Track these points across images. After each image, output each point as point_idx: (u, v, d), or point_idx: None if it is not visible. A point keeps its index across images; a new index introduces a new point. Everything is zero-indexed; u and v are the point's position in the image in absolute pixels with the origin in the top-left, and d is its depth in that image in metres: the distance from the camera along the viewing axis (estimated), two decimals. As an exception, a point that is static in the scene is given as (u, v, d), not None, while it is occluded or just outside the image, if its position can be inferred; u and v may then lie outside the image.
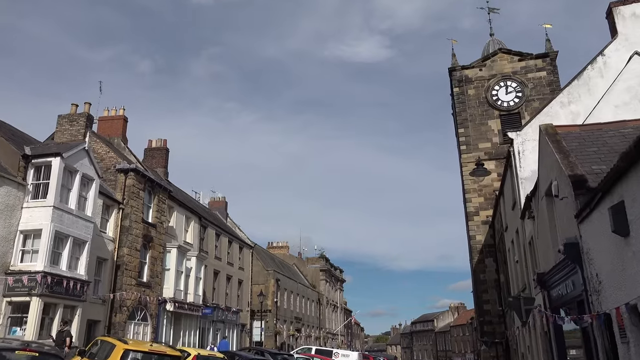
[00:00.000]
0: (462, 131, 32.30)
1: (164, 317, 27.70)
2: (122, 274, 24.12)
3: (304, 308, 60.86)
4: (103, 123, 31.13)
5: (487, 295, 29.30)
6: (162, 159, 36.17)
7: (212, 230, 36.96)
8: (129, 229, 24.89)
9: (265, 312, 48.79)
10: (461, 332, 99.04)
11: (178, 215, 31.38)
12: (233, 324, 38.95)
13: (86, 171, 20.52)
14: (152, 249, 26.87)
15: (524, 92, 31.92)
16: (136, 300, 24.87)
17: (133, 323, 24.81)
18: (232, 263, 40.09)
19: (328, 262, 77.23)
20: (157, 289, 27.02)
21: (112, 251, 24.07)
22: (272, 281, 49.81)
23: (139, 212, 25.77)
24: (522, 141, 17.97)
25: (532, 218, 14.62)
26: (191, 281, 30.40)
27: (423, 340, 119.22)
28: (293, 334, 54.58)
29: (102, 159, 26.63)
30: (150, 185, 27.28)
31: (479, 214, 30.43)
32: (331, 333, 73.41)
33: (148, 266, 26.52)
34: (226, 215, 46.74)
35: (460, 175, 34.13)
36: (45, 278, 17.69)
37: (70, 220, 19.40)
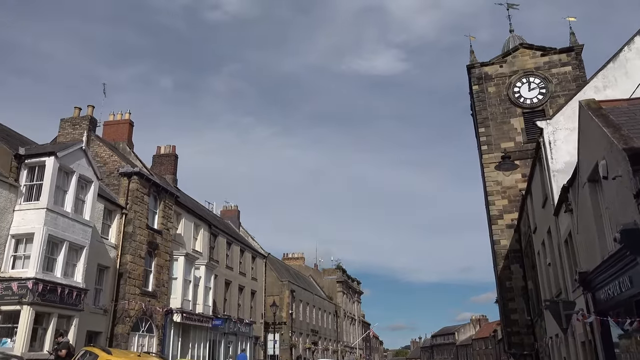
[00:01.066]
0: (482, 130, 30.62)
1: (171, 329, 26.30)
2: (125, 282, 22.83)
3: (321, 320, 59.05)
4: (108, 128, 30.13)
5: (514, 304, 27.36)
6: (170, 166, 35.05)
7: (223, 239, 35.63)
8: (133, 235, 23.64)
9: (279, 324, 47.19)
10: (483, 345, 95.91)
11: (186, 223, 30.11)
12: (246, 336, 37.40)
13: (84, 172, 19.35)
14: (158, 256, 25.57)
15: (548, 88, 30.19)
16: (140, 310, 23.53)
17: (137, 334, 23.45)
18: (244, 273, 38.66)
19: (345, 273, 75.37)
20: (164, 299, 25.67)
21: (114, 258, 22.82)
22: (286, 292, 48.23)
23: (143, 218, 24.55)
24: (553, 130, 16.33)
25: (570, 211, 12.95)
26: (200, 291, 29.01)
27: (444, 353, 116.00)
28: (309, 347, 52.77)
29: (105, 163, 25.54)
30: (156, 190, 26.07)
31: (503, 217, 28.60)
32: (349, 346, 71.31)
33: (154, 275, 25.21)
34: (239, 224, 45.42)
35: (482, 178, 32.36)
36: (37, 285, 16.43)
37: (65, 224, 18.18)
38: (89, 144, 25.52)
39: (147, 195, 25.12)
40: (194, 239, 31.05)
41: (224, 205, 46.65)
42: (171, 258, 26.92)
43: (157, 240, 25.55)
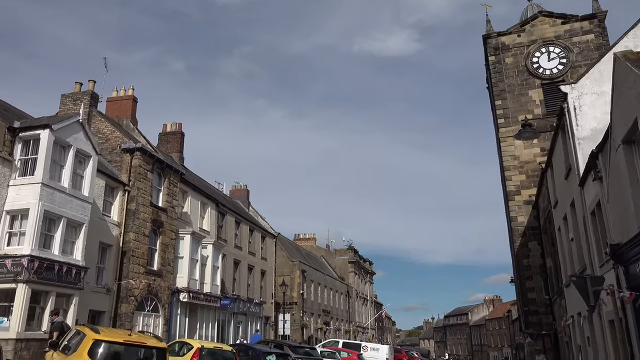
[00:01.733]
0: (499, 103, 29.32)
1: (178, 308, 25.72)
2: (128, 261, 22.18)
3: (332, 301, 58.55)
4: (112, 104, 29.31)
5: (532, 282, 26.37)
6: (177, 144, 34.20)
7: (232, 218, 34.90)
8: (136, 213, 22.93)
9: (290, 304, 46.73)
10: (497, 326, 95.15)
11: (193, 201, 29.37)
12: (256, 316, 36.89)
13: (81, 146, 18.54)
14: (163, 234, 24.88)
15: (568, 58, 28.73)
16: (145, 289, 22.92)
17: (142, 314, 22.88)
18: (253, 252, 38.01)
19: (357, 254, 74.69)
20: (170, 278, 25.05)
21: (117, 236, 22.15)
22: (297, 272, 47.64)
23: (146, 195, 23.79)
24: (579, 95, 15.13)
25: (599, 179, 11.86)
26: (208, 270, 28.36)
27: (457, 334, 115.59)
28: (321, 327, 52.35)
29: (107, 139, 24.77)
30: (160, 166, 25.28)
31: (521, 193, 27.45)
32: (361, 327, 70.92)
33: (159, 253, 24.54)
34: (248, 204, 44.70)
35: (498, 153, 31.17)
36: (33, 262, 15.75)
37: (62, 200, 17.44)
38: (91, 120, 24.76)
39: (150, 172, 24.34)
40: (201, 218, 30.34)
41: (234, 185, 45.97)
42: (177, 236, 26.22)
43: (162, 218, 24.83)
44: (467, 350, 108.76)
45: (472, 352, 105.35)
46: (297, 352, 20.69)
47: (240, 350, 18.40)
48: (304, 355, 20.68)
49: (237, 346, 18.97)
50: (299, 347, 21.50)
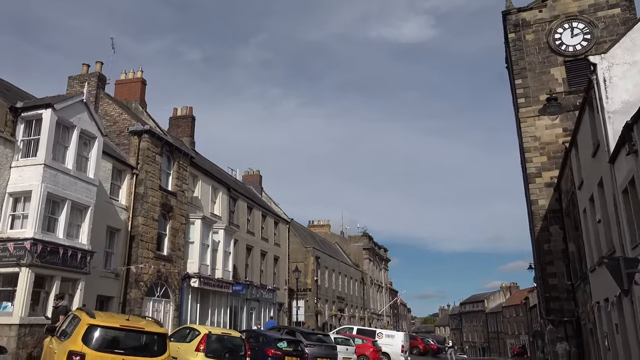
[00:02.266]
0: (519, 82, 28.16)
1: (189, 294, 25.29)
2: (137, 245, 21.71)
3: (347, 287, 58.03)
4: (120, 87, 28.78)
5: (553, 267, 25.40)
6: (187, 128, 33.68)
7: (244, 203, 34.33)
8: (144, 197, 22.40)
9: (304, 290, 46.28)
10: (514, 313, 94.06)
11: (203, 185, 28.81)
12: (269, 302, 36.45)
13: (86, 127, 17.97)
14: (173, 219, 24.37)
15: (593, 33, 27.42)
16: (155, 274, 22.47)
17: (152, 299, 22.45)
18: (266, 238, 37.48)
19: (372, 240, 73.99)
20: (180, 263, 24.58)
21: (125, 221, 21.67)
22: (311, 259, 47.10)
23: (155, 179, 23.25)
24: (609, 66, 14.11)
25: (634, 153, 10.92)
26: (219, 256, 27.86)
27: (473, 321, 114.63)
28: (335, 314, 51.88)
29: (115, 122, 24.23)
30: (169, 149, 24.70)
31: (542, 175, 26.40)
32: (376, 314, 70.42)
33: (168, 238, 24.05)
34: (260, 189, 44.13)
35: (518, 134, 30.10)
36: (36, 246, 15.28)
37: (67, 182, 16.91)
38: (98, 102, 24.22)
39: (159, 155, 23.77)
40: (212, 203, 29.79)
41: (246, 170, 45.42)
42: (187, 221, 25.72)
43: (172, 203, 24.31)
44: (483, 337, 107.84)
45: (488, 339, 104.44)
46: (309, 338, 20.08)
47: (251, 336, 17.85)
48: (316, 342, 20.06)
49: (247, 332, 18.44)
50: (312, 333, 20.90)
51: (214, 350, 13.55)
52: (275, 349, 16.37)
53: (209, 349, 13.46)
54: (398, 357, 29.26)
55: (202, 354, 13.28)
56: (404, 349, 29.28)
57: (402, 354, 29.33)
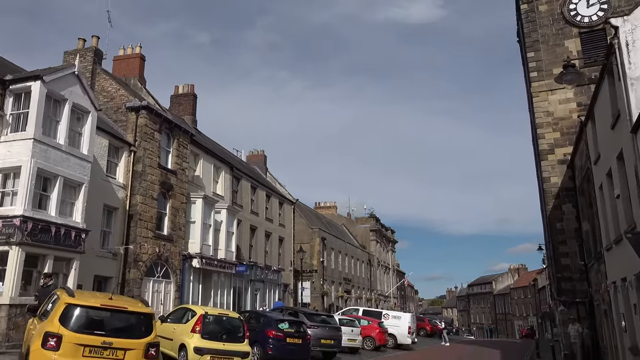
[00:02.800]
0: (532, 55, 27.01)
1: (190, 274, 24.75)
2: (135, 224, 21.10)
3: (354, 269, 57.55)
4: (118, 63, 27.96)
5: (565, 247, 24.54)
6: (189, 106, 32.94)
7: (247, 183, 33.64)
8: (143, 175, 21.73)
9: (310, 272, 45.81)
10: (522, 295, 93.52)
11: (205, 164, 28.11)
12: (274, 283, 35.97)
13: (78, 101, 17.23)
14: (173, 198, 23.72)
15: (610, 3, 26.14)
16: (154, 254, 21.90)
17: (152, 280, 21.91)
18: (271, 219, 36.86)
19: (378, 222, 73.33)
20: (181, 243, 24.00)
21: (123, 199, 21.04)
22: (317, 240, 46.50)
23: (154, 156, 22.55)
24: (632, 29, 13.10)
25: (662, 119, 10.00)
26: (222, 236, 27.27)
27: (480, 303, 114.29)
28: (342, 295, 51.47)
29: (112, 98, 23.48)
30: (168, 126, 23.94)
31: (554, 151, 25.39)
32: (383, 295, 70.07)
33: (169, 217, 23.44)
34: (265, 169, 43.44)
35: (529, 110, 29.06)
36: (26, 223, 14.67)
37: (58, 158, 16.24)
38: (95, 78, 23.45)
39: (157, 131, 23.03)
40: (214, 182, 29.12)
41: (251, 151, 44.71)
42: (188, 200, 25.07)
43: (171, 181, 23.64)
44: (490, 319, 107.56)
45: (496, 321, 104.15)
46: (313, 319, 19.51)
47: (252, 317, 17.27)
48: (320, 323, 19.50)
49: (249, 313, 17.86)
50: (316, 314, 20.32)
51: (211, 332, 12.96)
52: (276, 330, 15.78)
53: (205, 330, 12.86)
54: (405, 339, 28.75)
55: (198, 335, 12.68)
56: (410, 330, 28.75)
57: (409, 335, 28.81)
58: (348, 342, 22.76)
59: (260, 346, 15.61)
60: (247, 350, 13.09)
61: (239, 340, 13.21)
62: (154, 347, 8.13)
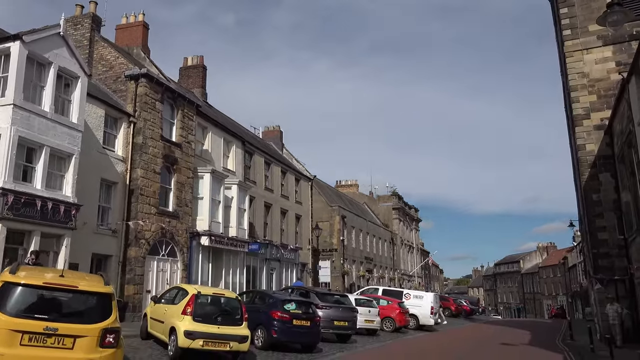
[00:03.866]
0: (564, 11, 24.61)
1: (199, 253, 23.55)
2: (136, 200, 19.87)
3: (375, 248, 56.05)
4: (121, 32, 26.60)
5: (602, 220, 22.45)
6: (199, 78, 31.59)
7: (260, 158, 32.21)
8: (144, 147, 20.42)
9: (330, 251, 44.55)
10: (551, 274, 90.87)
11: (214, 138, 26.71)
12: (291, 262, 34.70)
13: (65, 65, 15.88)
14: (178, 172, 22.42)
15: (653, -50, 23.48)
16: (158, 231, 20.69)
17: (156, 258, 20.75)
18: (287, 196, 35.46)
19: (401, 200, 71.47)
20: (188, 220, 22.76)
21: (122, 173, 19.80)
22: (337, 218, 45.04)
23: (156, 128, 21.20)
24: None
25: None
26: (233, 213, 25.97)
27: (507, 282, 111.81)
28: (363, 274, 50.09)
29: (111, 67, 22.15)
30: (171, 96, 22.52)
31: (590, 116, 23.15)
32: (407, 274, 68.55)
33: (174, 193, 22.18)
34: (281, 145, 41.96)
35: (561, 72, 26.76)
36: (6, 197, 13.48)
37: (43, 126, 14.96)
38: (93, 46, 22.14)
39: (159, 101, 21.63)
40: (224, 157, 27.75)
41: (266, 127, 43.27)
42: (195, 175, 23.76)
43: (176, 154, 22.31)
44: (518, 298, 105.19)
45: (524, 300, 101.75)
46: (325, 300, 18.08)
47: (257, 297, 15.92)
48: (333, 304, 18.06)
49: (254, 293, 16.52)
50: (329, 294, 18.90)
51: (204, 314, 11.59)
52: (282, 311, 14.37)
53: (197, 311, 11.49)
54: (427, 319, 27.20)
55: (189, 317, 11.32)
56: (433, 310, 27.16)
57: (432, 316, 27.24)
58: (365, 323, 21.34)
59: (264, 329, 14.25)
60: (245, 334, 11.70)
61: (236, 322, 11.82)
62: (112, 333, 6.73)
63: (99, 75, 22.00)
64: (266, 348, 14.16)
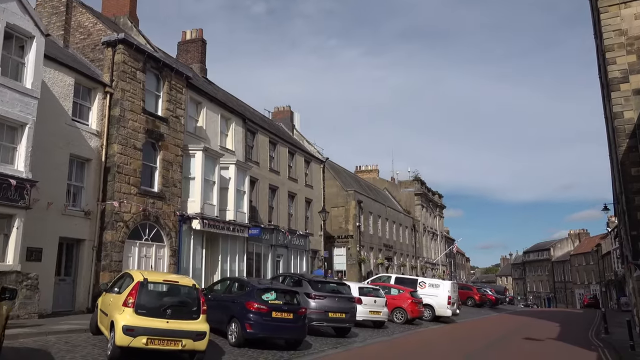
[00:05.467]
0: (598, -39, 21.61)
1: (190, 238, 21.62)
2: (113, 178, 17.94)
3: (396, 235, 53.51)
4: (108, 1, 24.65)
5: (643, 198, 19.65)
6: (197, 53, 29.54)
7: (265, 138, 30.07)
8: (122, 121, 18.45)
9: (345, 237, 42.31)
10: (583, 261, 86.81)
11: (210, 114, 24.66)
12: (300, 249, 32.62)
13: (16, 22, 13.94)
14: (165, 149, 20.45)
15: None
16: (140, 214, 18.77)
17: (139, 243, 18.83)
18: (295, 179, 33.30)
19: (424, 185, 68.57)
20: (176, 202, 20.80)
21: (97, 149, 17.88)
22: (352, 203, 42.67)
23: (136, 99, 19.21)
24: None
25: None
26: (230, 195, 23.95)
27: (537, 270, 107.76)
28: (382, 262, 47.68)
29: (89, 34, 20.21)
30: (155, 65, 20.48)
31: (629, 79, 20.21)
32: (430, 263, 65.80)
33: (160, 172, 20.22)
34: (292, 126, 39.74)
35: (595, 33, 23.78)
36: (-63, 169, 11.64)
37: (-13, 90, 13.07)
38: (70, 12, 20.18)
39: (141, 71, 19.62)
40: (222, 135, 25.68)
41: (276, 107, 41.01)
42: (186, 153, 21.77)
43: (161, 130, 20.31)
44: (548, 287, 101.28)
45: (554, 289, 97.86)
46: (320, 289, 15.88)
47: (234, 284, 13.85)
48: (329, 293, 15.85)
49: (231, 280, 14.42)
50: (324, 282, 16.65)
51: (151, 305, 9.53)
52: (259, 301, 12.24)
53: (142, 302, 9.43)
54: (444, 310, 24.81)
55: (130, 309, 9.28)
56: (450, 300, 24.71)
57: (449, 306, 24.79)
58: (370, 314, 19.15)
59: (238, 322, 12.16)
60: (201, 330, 9.62)
61: (191, 316, 9.74)
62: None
63: (76, 44, 20.12)
64: (240, 345, 12.08)
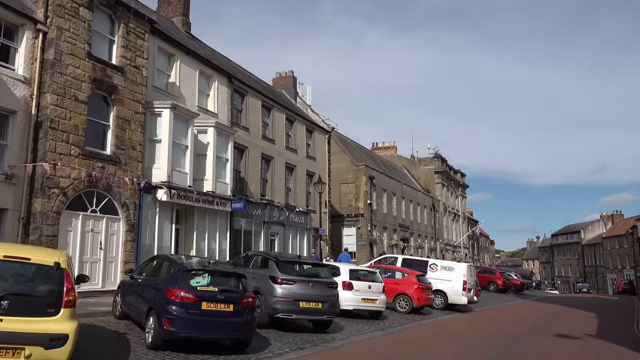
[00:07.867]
0: None
1: (155, 210, 18.37)
2: (45, 135, 14.66)
3: (413, 214, 49.73)
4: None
5: None
6: (179, 5, 26.01)
7: (257, 101, 26.54)
8: (57, 65, 15.09)
9: (356, 216, 38.78)
10: (617, 244, 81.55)
11: (185, 69, 21.19)
12: (300, 227, 29.20)
13: None
14: (119, 104, 17.07)
15: None
16: (84, 180, 15.50)
17: (81, 215, 15.58)
18: (294, 149, 29.78)
19: (445, 162, 64.34)
20: (136, 168, 17.49)
21: (25, 98, 14.60)
22: (363, 179, 39.01)
23: (79, 41, 15.80)
24: None
25: None
26: (208, 162, 20.59)
27: (566, 254, 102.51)
28: (396, 243, 44.00)
29: (26, -35, 16.83)
30: (107, 4, 17.01)
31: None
32: (451, 245, 61.81)
33: (113, 131, 16.87)
34: (294, 93, 36.10)
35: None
36: None
37: None
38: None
39: (86, 7, 16.17)
40: (201, 94, 22.25)
41: (277, 73, 37.42)
42: (150, 111, 18.41)
43: (114, 81, 16.91)
44: (578, 272, 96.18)
45: (584, 274, 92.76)
46: (289, 271, 12.35)
47: (162, 264, 10.43)
48: (300, 277, 12.33)
49: (159, 259, 11.00)
50: (296, 262, 13.07)
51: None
52: (184, 288, 8.80)
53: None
54: (459, 297, 21.17)
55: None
56: (466, 285, 21.02)
57: (465, 293, 21.12)
58: (363, 303, 15.68)
59: (155, 317, 8.78)
60: (59, 332, 6.29)
61: (43, 311, 6.38)
62: None
63: (13, -22, 16.77)
64: (156, 347, 8.72)
